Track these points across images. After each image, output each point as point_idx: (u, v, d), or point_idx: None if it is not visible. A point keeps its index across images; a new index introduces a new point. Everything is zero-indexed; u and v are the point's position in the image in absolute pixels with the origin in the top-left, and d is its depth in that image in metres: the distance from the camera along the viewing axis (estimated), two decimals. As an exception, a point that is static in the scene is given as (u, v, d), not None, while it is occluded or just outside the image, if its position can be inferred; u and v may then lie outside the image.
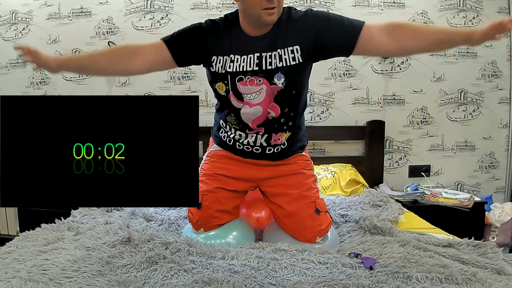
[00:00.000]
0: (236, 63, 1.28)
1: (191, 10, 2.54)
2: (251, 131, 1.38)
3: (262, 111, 1.33)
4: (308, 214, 1.39)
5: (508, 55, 2.64)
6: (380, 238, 1.37)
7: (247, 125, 1.37)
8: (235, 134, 1.42)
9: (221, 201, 1.43)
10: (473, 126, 2.68)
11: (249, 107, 1.32)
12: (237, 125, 1.39)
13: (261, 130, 1.37)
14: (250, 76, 1.29)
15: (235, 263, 1.13)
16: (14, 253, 1.21)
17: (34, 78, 2.58)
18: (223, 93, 1.34)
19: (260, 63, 1.27)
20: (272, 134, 1.38)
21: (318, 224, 1.38)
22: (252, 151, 1.43)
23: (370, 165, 2.56)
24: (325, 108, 2.62)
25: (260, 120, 1.35)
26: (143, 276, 1.06)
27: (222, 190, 1.44)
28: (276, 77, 1.28)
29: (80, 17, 2.54)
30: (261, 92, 1.30)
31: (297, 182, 1.45)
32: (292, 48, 1.27)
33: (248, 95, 1.31)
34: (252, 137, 1.39)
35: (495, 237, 2.29)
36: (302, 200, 1.41)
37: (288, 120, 1.38)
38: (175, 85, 2.59)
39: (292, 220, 1.40)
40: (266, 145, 1.41)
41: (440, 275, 1.04)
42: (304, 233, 1.38)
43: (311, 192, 1.44)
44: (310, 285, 1.01)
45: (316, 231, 1.37)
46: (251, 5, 1.19)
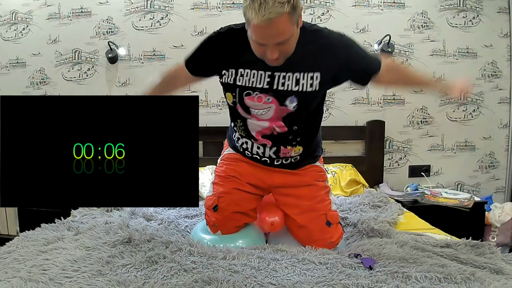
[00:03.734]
0: (245, 77, 1.24)
1: (191, 10, 2.54)
2: (257, 141, 1.36)
3: (268, 126, 1.29)
4: (319, 227, 1.36)
5: (508, 55, 2.64)
6: (378, 240, 1.37)
7: (252, 135, 1.35)
8: (243, 141, 1.40)
9: (238, 202, 1.39)
10: (473, 126, 2.68)
11: (256, 120, 1.30)
12: (244, 132, 1.37)
13: (268, 143, 1.33)
14: (258, 93, 1.24)
15: (236, 263, 1.13)
16: (14, 253, 1.21)
17: (34, 78, 2.58)
18: (231, 104, 1.33)
19: (271, 82, 1.22)
20: (281, 147, 1.34)
21: (329, 237, 1.35)
22: (261, 161, 1.40)
23: (370, 165, 2.56)
24: (325, 108, 2.62)
25: (265, 133, 1.32)
26: (143, 275, 1.05)
27: (238, 191, 1.41)
28: (288, 100, 1.23)
29: (80, 17, 2.54)
30: (269, 110, 1.26)
31: (309, 194, 1.41)
32: (312, 74, 1.21)
33: (256, 110, 1.28)
34: (260, 148, 1.37)
35: (495, 237, 2.29)
36: (312, 212, 1.37)
37: (297, 136, 1.33)
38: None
39: (302, 231, 1.38)
40: (275, 157, 1.37)
41: (439, 275, 1.04)
42: (313, 245, 1.32)
43: (323, 205, 1.41)
44: (309, 285, 1.01)
45: (326, 244, 1.33)
46: (253, 49, 1.16)
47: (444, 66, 2.62)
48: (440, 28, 2.60)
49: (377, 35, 2.55)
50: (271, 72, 1.22)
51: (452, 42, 2.61)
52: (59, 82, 2.58)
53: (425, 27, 2.60)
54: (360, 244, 1.35)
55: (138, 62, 2.57)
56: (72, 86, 2.58)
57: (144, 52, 2.56)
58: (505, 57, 2.64)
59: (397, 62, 1.43)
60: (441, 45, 2.61)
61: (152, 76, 1.48)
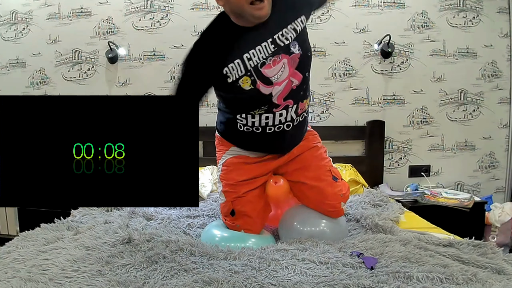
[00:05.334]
0: (254, 57, 1.27)
1: (191, 10, 2.54)
2: (278, 108, 1.35)
3: (287, 82, 1.32)
4: (328, 182, 1.44)
5: (508, 55, 2.64)
6: (382, 236, 1.38)
7: (273, 103, 1.33)
8: (261, 119, 1.37)
9: (252, 200, 1.44)
10: (473, 126, 2.68)
11: (278, 86, 1.31)
12: (263, 109, 1.35)
13: (290, 103, 1.35)
14: (271, 57, 1.29)
15: (236, 263, 1.13)
16: (14, 253, 1.21)
17: (34, 78, 2.58)
18: (249, 87, 1.30)
19: (275, 42, 1.28)
20: (299, 103, 1.38)
21: (338, 190, 1.44)
22: (284, 128, 1.39)
23: (370, 165, 2.56)
24: (325, 108, 2.62)
25: (285, 93, 1.33)
26: (143, 276, 1.05)
27: (250, 192, 1.45)
28: (291, 46, 1.30)
29: (80, 17, 2.54)
30: (284, 66, 1.30)
31: (312, 155, 1.50)
32: (301, 18, 1.32)
33: (275, 75, 1.30)
34: (283, 114, 1.36)
35: (495, 237, 2.29)
36: (319, 170, 1.46)
37: (307, 85, 1.40)
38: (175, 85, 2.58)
39: (314, 191, 1.44)
40: (296, 116, 1.40)
41: (441, 275, 1.04)
42: (327, 201, 1.41)
43: (325, 162, 1.51)
44: (310, 285, 1.00)
45: (338, 197, 1.43)
46: (236, 4, 1.19)
47: (444, 66, 2.62)
48: (440, 28, 2.60)
49: (377, 35, 2.55)
50: (271, 37, 1.28)
51: (452, 42, 2.61)
52: (59, 82, 2.58)
53: (425, 27, 2.60)
54: (364, 238, 1.35)
55: (138, 62, 2.57)
56: (72, 86, 2.58)
57: (144, 52, 2.56)
58: (505, 57, 2.64)
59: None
60: (441, 45, 2.61)
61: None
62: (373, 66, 2.61)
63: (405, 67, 2.62)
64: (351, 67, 2.60)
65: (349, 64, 2.60)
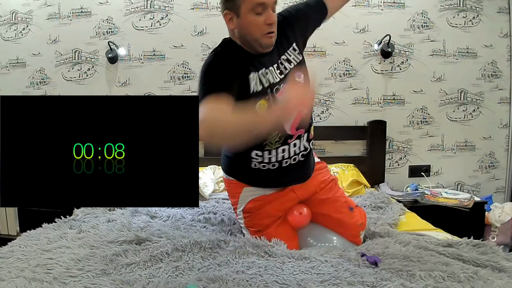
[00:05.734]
0: (267, 76, 1.30)
1: (191, 10, 2.54)
2: (292, 139, 1.37)
3: (297, 112, 1.31)
4: (345, 214, 1.44)
5: (508, 55, 2.64)
6: (380, 240, 1.37)
7: (287, 134, 1.35)
8: (277, 154, 1.37)
9: (280, 231, 1.42)
10: (473, 126, 2.68)
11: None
12: (279, 141, 1.35)
13: (302, 132, 1.38)
14: (282, 84, 1.32)
15: (241, 262, 1.13)
16: (17, 253, 1.21)
17: (34, 78, 2.58)
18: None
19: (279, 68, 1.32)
20: (310, 130, 1.43)
21: (355, 220, 1.44)
22: (299, 160, 1.41)
23: (371, 165, 2.56)
24: (325, 108, 2.62)
25: (297, 122, 1.35)
26: (148, 274, 1.05)
27: (276, 227, 1.43)
28: (296, 76, 1.34)
29: (80, 17, 2.54)
30: None
31: (328, 189, 1.50)
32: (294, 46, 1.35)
33: None
34: (296, 144, 1.39)
35: (495, 237, 2.29)
36: (336, 203, 1.46)
37: (311, 114, 1.43)
38: (175, 85, 2.59)
39: (335, 223, 1.43)
40: (307, 146, 1.43)
41: (442, 273, 1.04)
42: (348, 232, 1.42)
43: (340, 193, 1.52)
44: (315, 283, 1.01)
45: (357, 226, 1.43)
46: (252, 31, 1.23)
47: (444, 66, 2.62)
48: (440, 28, 2.60)
49: (377, 35, 2.55)
50: (276, 63, 1.32)
51: (452, 42, 2.61)
52: (59, 82, 2.58)
53: (425, 27, 2.60)
54: (364, 244, 1.35)
55: (138, 62, 2.57)
56: (72, 86, 2.57)
57: (144, 52, 2.56)
58: (505, 57, 2.64)
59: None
60: (441, 45, 2.61)
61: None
62: (373, 66, 2.61)
63: (405, 67, 2.62)
64: (351, 67, 2.60)
65: (349, 64, 2.60)
